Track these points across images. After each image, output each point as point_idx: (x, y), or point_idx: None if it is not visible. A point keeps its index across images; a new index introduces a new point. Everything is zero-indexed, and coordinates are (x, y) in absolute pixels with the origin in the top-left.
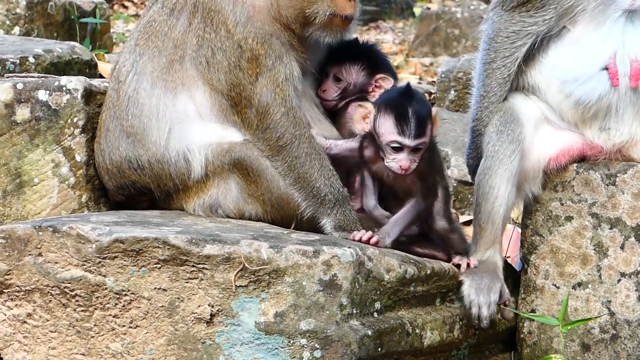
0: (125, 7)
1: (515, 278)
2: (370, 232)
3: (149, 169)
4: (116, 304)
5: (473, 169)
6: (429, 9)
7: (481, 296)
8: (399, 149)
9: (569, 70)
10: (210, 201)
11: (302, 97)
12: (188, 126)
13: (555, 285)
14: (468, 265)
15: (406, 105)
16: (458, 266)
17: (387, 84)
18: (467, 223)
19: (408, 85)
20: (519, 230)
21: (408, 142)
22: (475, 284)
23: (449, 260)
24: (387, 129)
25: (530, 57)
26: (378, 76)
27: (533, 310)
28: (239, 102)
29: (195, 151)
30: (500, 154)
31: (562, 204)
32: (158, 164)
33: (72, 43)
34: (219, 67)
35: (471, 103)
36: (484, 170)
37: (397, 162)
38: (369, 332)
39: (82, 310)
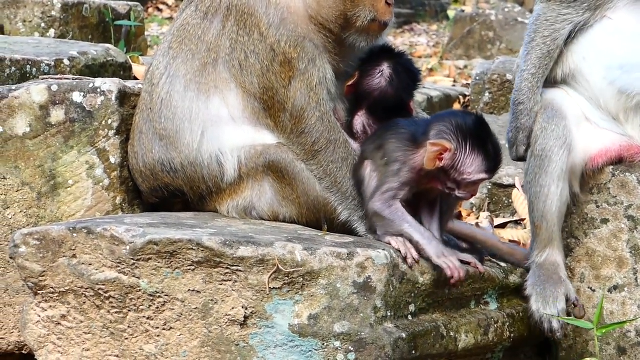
0: (160, 10)
1: None
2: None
3: (182, 172)
4: (150, 305)
5: (512, 142)
6: (463, 11)
7: (548, 309)
8: (478, 182)
9: (614, 57)
10: (244, 203)
11: (336, 100)
12: (221, 129)
13: (591, 288)
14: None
15: (489, 142)
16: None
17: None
18: (502, 226)
19: (481, 117)
20: None
21: (492, 175)
22: (540, 297)
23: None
24: (475, 169)
25: (574, 42)
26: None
27: (569, 314)
28: (272, 105)
29: (227, 154)
30: (547, 151)
31: (597, 207)
32: (191, 167)
33: (107, 45)
34: (252, 70)
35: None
36: (533, 169)
37: (471, 192)
38: (404, 335)
39: (116, 312)
